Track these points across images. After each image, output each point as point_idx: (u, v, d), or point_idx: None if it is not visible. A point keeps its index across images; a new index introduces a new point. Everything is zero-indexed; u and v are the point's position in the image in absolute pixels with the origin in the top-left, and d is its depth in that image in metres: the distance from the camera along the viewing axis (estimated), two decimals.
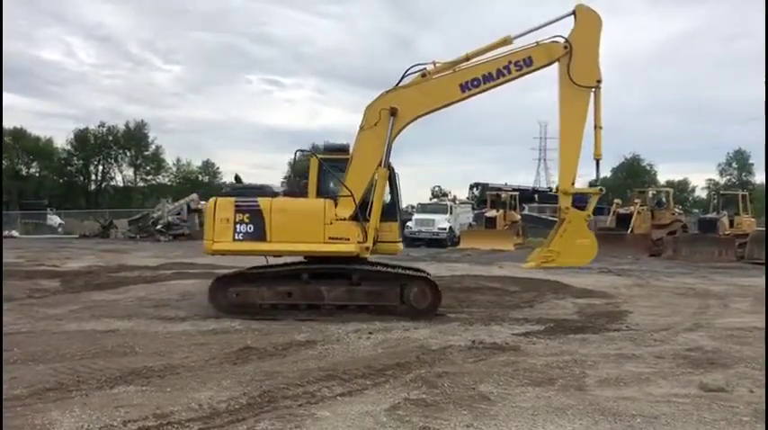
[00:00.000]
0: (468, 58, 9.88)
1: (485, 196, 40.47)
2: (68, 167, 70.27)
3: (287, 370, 6.51)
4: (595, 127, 9.85)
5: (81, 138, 69.92)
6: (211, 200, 9.97)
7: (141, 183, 73.93)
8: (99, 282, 14.01)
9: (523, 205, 42.71)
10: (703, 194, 75.34)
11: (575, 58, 9.70)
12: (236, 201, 9.73)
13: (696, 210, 57.69)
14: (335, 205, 9.74)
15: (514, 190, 41.30)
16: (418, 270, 11.04)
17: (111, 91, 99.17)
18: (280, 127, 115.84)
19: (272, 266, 10.35)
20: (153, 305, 10.95)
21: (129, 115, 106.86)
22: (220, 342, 7.88)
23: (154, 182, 74.08)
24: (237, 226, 9.60)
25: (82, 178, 71.92)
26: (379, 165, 9.75)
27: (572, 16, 9.84)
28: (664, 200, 29.96)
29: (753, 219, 28.64)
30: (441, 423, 4.91)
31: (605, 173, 78.48)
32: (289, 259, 10.44)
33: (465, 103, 10.04)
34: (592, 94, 9.78)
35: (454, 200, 40.19)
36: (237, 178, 12.90)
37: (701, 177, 78.07)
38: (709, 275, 17.43)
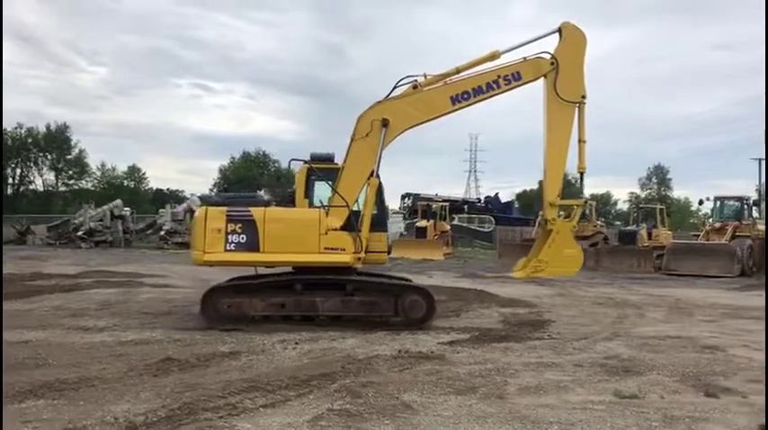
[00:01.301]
0: (458, 71, 10.05)
1: (416, 206, 40.88)
2: None
3: (209, 381, 6.38)
4: (579, 140, 10.18)
5: None
6: (201, 209, 9.75)
7: (63, 188, 71.11)
8: (11, 291, 13.34)
9: (453, 216, 43.36)
10: (626, 207, 78.38)
11: (561, 74, 9.98)
12: (227, 211, 9.50)
13: (618, 223, 59.83)
14: (326, 215, 9.67)
15: (445, 201, 41.90)
16: (406, 279, 11.16)
17: (32, 92, 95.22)
18: (209, 132, 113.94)
19: (263, 276, 10.17)
20: (70, 315, 10.54)
21: (51, 117, 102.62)
22: (140, 353, 7.66)
23: (76, 186, 71.39)
24: (229, 236, 9.39)
25: None
26: (371, 175, 9.76)
27: (557, 33, 10.14)
28: (587, 212, 30.96)
29: (669, 232, 29.94)
30: None
31: (532, 185, 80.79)
32: (275, 270, 10.30)
33: None
34: (576, 109, 10.07)
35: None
36: (225, 188, 12.58)
37: (623, 191, 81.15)
38: (627, 285, 18.09)
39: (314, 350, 8.02)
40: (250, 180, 69.08)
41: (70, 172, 70.78)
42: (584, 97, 10.09)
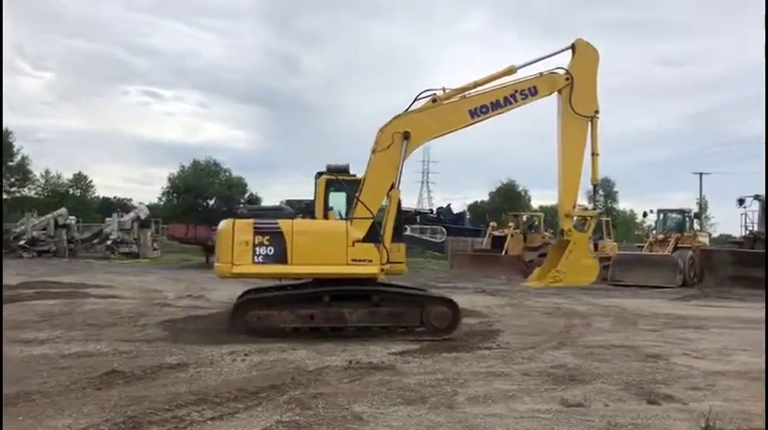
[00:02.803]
0: (476, 85, 10.23)
1: None
2: None
3: (155, 394, 6.25)
4: (593, 154, 10.46)
5: None
6: (228, 222, 9.68)
7: (4, 196, 68.75)
8: None
9: (406, 226, 43.47)
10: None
11: (575, 89, 10.23)
12: (255, 223, 9.49)
13: None
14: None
15: None
16: (423, 290, 11.43)
17: None
18: (158, 140, 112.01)
19: (281, 288, 10.28)
20: (10, 327, 10.14)
21: None
22: (84, 366, 7.45)
23: (18, 194, 69.13)
24: (257, 248, 9.37)
25: None
26: (392, 187, 9.86)
27: (570, 50, 10.44)
28: (536, 223, 31.53)
29: (615, 244, 30.69)
30: None
31: (483, 197, 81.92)
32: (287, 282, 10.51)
33: (348, 124, 10.27)
34: (589, 123, 10.35)
35: None
36: (251, 200, 12.44)
37: None
38: (574, 296, 18.40)
39: (263, 362, 7.94)
40: (200, 189, 68.10)
41: (12, 179, 68.53)
42: (596, 112, 10.40)
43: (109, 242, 35.08)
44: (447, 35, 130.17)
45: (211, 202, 70.29)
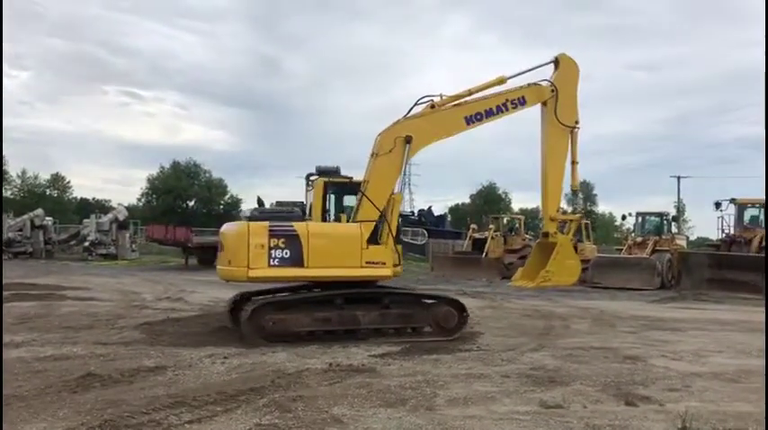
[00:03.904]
0: (470, 93, 10.57)
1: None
2: None
3: (132, 397, 6.19)
4: (572, 162, 10.96)
5: None
6: (242, 224, 9.66)
7: None
8: None
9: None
10: None
11: (559, 101, 10.67)
12: (270, 226, 9.39)
13: None
14: None
15: None
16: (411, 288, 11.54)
17: None
18: (137, 141, 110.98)
19: (279, 291, 10.35)
20: None
21: None
22: (59, 369, 7.37)
23: None
24: (272, 251, 9.29)
25: None
26: (394, 190, 10.07)
27: (552, 64, 10.93)
28: (516, 226, 31.69)
29: (594, 246, 30.92)
30: None
31: (464, 199, 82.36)
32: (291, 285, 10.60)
33: (333, 126, 10.41)
34: (570, 134, 10.82)
35: None
36: (260, 201, 12.29)
37: None
38: (554, 298, 18.51)
39: (243, 364, 7.90)
40: (180, 190, 67.71)
41: None
42: (577, 122, 10.84)
43: (86, 243, 34.78)
44: (430, 38, 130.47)
45: (191, 204, 69.92)
